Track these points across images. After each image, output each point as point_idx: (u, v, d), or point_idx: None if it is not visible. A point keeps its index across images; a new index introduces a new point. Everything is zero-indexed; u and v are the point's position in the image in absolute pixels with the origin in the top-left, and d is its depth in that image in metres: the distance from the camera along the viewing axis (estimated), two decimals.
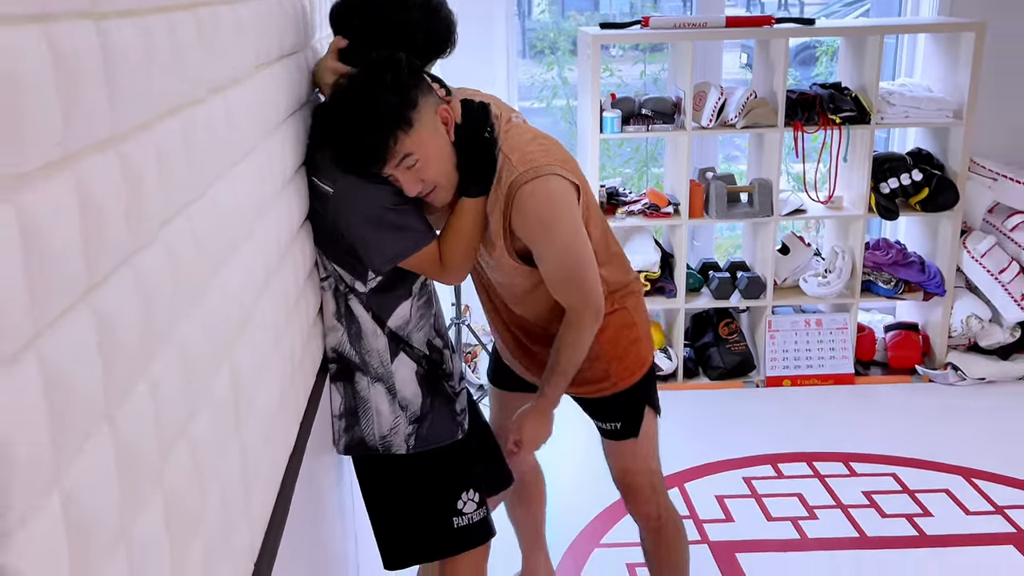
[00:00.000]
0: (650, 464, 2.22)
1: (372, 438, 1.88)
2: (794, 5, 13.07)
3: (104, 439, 0.74)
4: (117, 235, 0.78)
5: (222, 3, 1.16)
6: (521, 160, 1.79)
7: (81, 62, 0.70)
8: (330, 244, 1.80)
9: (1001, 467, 3.29)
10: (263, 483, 1.29)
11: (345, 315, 1.85)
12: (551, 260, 1.86)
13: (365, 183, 1.71)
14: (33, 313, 0.63)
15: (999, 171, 3.95)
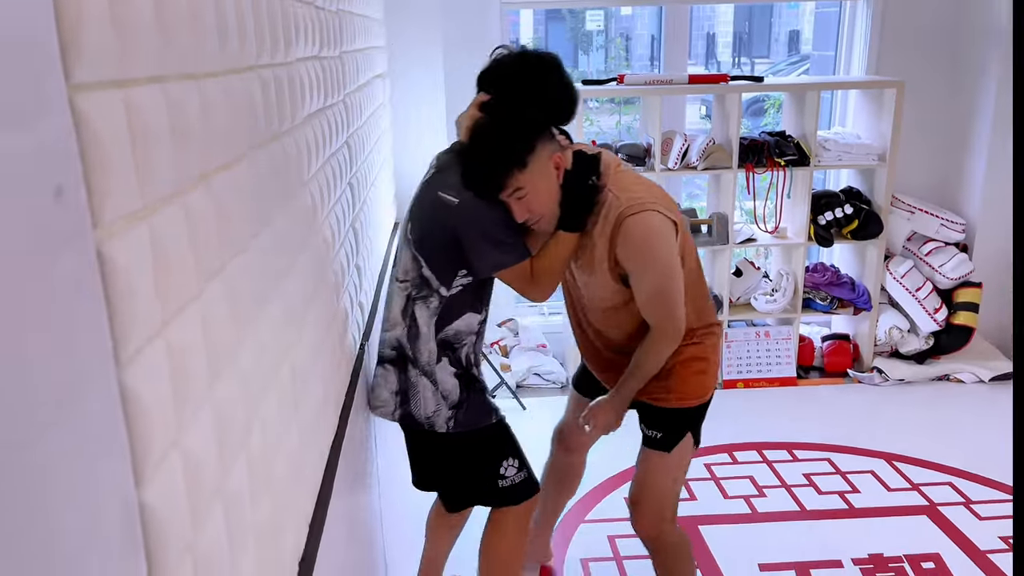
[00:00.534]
0: (668, 486, 2.13)
1: (419, 416, 1.99)
2: (746, 64, 13.26)
3: (207, 411, 0.83)
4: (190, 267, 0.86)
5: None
6: (628, 198, 1.88)
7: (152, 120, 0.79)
8: (436, 250, 1.91)
9: (917, 452, 3.35)
10: (314, 456, 1.37)
11: (409, 316, 1.96)
12: (646, 283, 1.92)
13: (485, 201, 1.86)
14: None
15: (916, 205, 4.03)
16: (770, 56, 13.02)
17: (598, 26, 10.84)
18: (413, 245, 1.94)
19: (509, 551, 2.15)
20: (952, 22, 4.04)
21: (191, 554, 0.77)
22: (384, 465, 2.46)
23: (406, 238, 1.98)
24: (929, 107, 4.11)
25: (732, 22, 14.03)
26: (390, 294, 2.04)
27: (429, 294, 1.93)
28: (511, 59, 1.89)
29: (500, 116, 1.84)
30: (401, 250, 2.02)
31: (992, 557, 2.71)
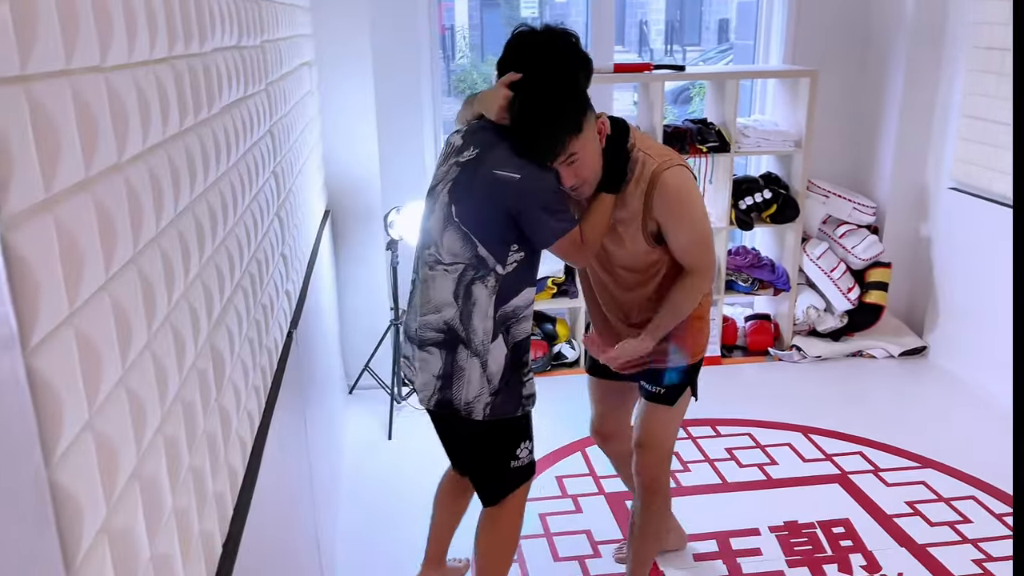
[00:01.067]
0: (669, 435, 2.29)
1: (459, 401, 2.01)
2: (678, 51, 13.47)
3: (121, 395, 0.85)
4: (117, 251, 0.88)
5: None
6: (658, 155, 2.01)
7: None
8: (492, 228, 1.93)
9: (832, 424, 3.51)
10: (236, 441, 1.39)
11: (463, 296, 1.96)
12: (685, 231, 2.03)
13: (544, 172, 1.91)
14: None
15: (831, 190, 4.19)
16: (701, 44, 13.26)
17: (533, 13, 10.88)
18: (465, 226, 1.95)
19: (512, 531, 2.22)
20: (862, 14, 4.20)
21: (107, 534, 0.79)
22: (318, 450, 2.49)
23: (451, 222, 1.97)
24: (842, 96, 4.27)
25: (664, 11, 14.23)
26: (427, 279, 2.02)
27: (487, 273, 1.95)
28: (541, 35, 1.97)
29: (550, 85, 1.89)
30: (439, 237, 2.00)
31: (897, 520, 2.87)
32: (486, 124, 2.01)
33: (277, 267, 2.02)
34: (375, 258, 3.71)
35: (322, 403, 2.80)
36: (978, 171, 3.74)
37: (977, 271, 3.83)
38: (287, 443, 1.94)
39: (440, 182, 2.04)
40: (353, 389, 3.83)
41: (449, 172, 2.02)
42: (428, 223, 2.06)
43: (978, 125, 3.71)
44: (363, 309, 3.77)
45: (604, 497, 3.05)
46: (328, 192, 3.60)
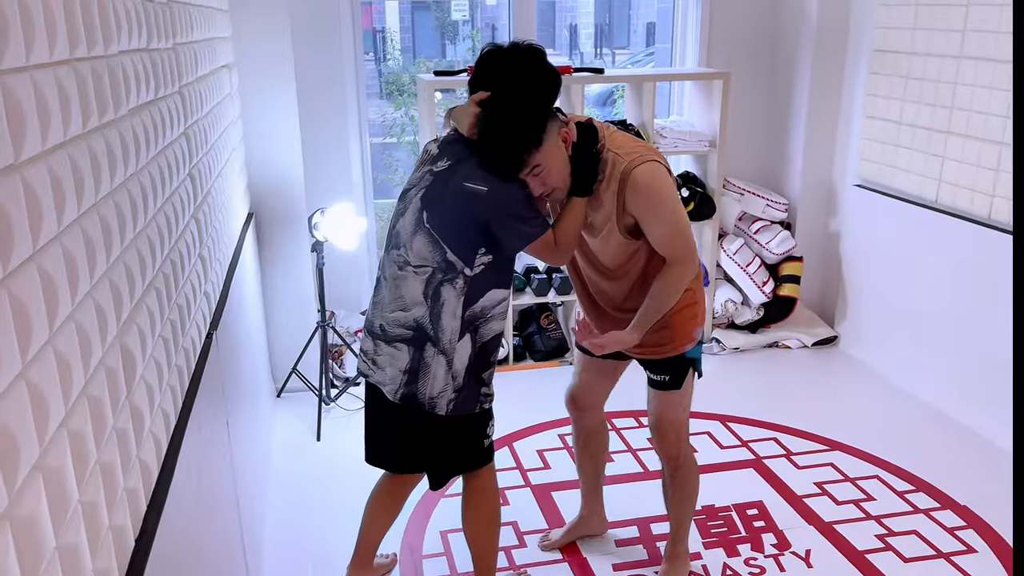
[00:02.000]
0: (681, 415, 2.40)
1: (423, 396, 2.09)
2: (607, 54, 13.68)
3: (21, 388, 0.88)
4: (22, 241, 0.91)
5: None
6: (627, 153, 2.08)
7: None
8: (461, 235, 2.03)
9: (747, 412, 3.65)
10: (150, 438, 1.41)
11: (432, 297, 2.05)
12: (661, 225, 2.10)
13: (509, 184, 2.02)
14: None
15: (745, 188, 4.36)
16: (629, 47, 13.51)
17: (464, 16, 10.90)
18: (436, 232, 2.04)
19: (494, 508, 2.35)
20: (770, 19, 4.38)
21: (8, 521, 0.82)
22: (243, 452, 2.49)
23: (421, 227, 2.07)
24: (754, 97, 4.45)
25: (593, 14, 14.45)
26: (396, 278, 2.11)
27: (455, 275, 2.05)
28: (506, 53, 2.07)
29: (509, 104, 1.99)
30: (409, 240, 2.09)
31: (807, 501, 3.02)
32: (460, 137, 2.12)
33: (195, 268, 2.03)
34: (300, 261, 3.71)
35: (247, 405, 2.80)
36: (879, 169, 3.94)
37: (882, 264, 4.04)
38: (208, 444, 1.95)
39: (414, 187, 2.14)
40: (281, 392, 3.82)
41: (423, 179, 2.13)
42: (399, 225, 2.14)
43: (879, 125, 3.91)
44: (289, 312, 3.77)
45: (530, 489, 3.12)
46: (251, 195, 3.58)
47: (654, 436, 2.45)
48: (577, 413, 2.65)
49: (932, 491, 3.07)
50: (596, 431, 2.68)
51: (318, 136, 3.97)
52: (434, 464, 2.28)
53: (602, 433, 2.71)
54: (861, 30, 4.06)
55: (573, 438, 2.72)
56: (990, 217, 3.33)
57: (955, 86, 3.44)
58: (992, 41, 3.24)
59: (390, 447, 2.30)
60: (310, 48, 3.86)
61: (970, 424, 3.49)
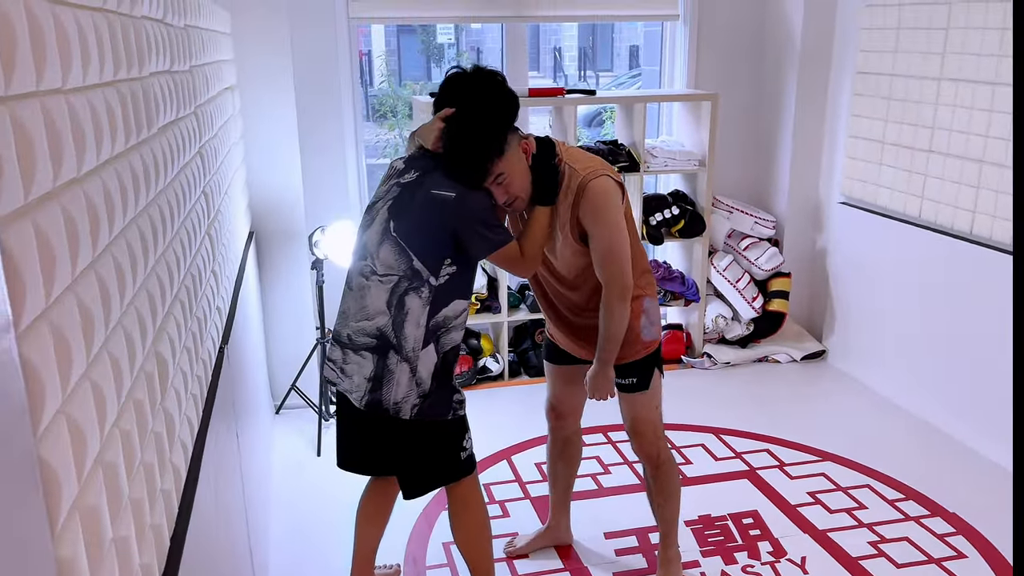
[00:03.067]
0: (655, 414, 2.49)
1: (387, 402, 2.14)
2: (591, 76, 13.83)
3: (86, 386, 0.93)
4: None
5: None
6: (583, 167, 2.22)
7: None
8: (428, 243, 2.11)
9: (740, 425, 3.73)
10: (178, 445, 1.46)
11: (396, 306, 2.11)
12: (599, 238, 2.21)
13: (476, 192, 2.13)
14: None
15: (734, 205, 4.46)
16: (613, 69, 13.71)
17: (449, 39, 11.04)
18: (403, 240, 2.12)
19: (480, 518, 2.39)
20: (757, 41, 4.51)
21: (78, 511, 0.87)
22: (249, 466, 2.53)
23: (388, 236, 2.14)
24: (742, 118, 4.57)
25: (577, 37, 14.66)
26: (361, 287, 2.17)
27: (420, 284, 2.11)
28: (470, 75, 2.19)
29: (473, 117, 2.11)
30: (375, 249, 2.16)
31: (800, 509, 3.09)
32: (426, 152, 2.23)
33: (208, 283, 2.08)
34: (300, 278, 3.77)
35: (252, 419, 2.84)
36: (864, 186, 4.06)
37: (867, 279, 4.14)
38: (222, 454, 2.00)
39: (380, 199, 2.23)
40: (280, 409, 3.85)
41: (390, 191, 2.22)
42: (365, 237, 2.22)
43: (863, 144, 4.03)
44: (288, 329, 3.81)
45: (530, 501, 3.17)
46: (252, 214, 3.64)
47: (632, 438, 2.52)
48: (556, 421, 2.72)
49: (922, 499, 3.14)
50: (572, 439, 2.76)
51: (317, 156, 4.04)
52: (405, 471, 2.31)
53: (577, 442, 2.79)
54: (844, 53, 4.19)
55: (548, 447, 2.77)
56: (972, 232, 3.44)
57: (936, 107, 3.57)
58: (972, 63, 3.36)
59: (358, 452, 2.35)
60: (307, 70, 3.94)
61: (957, 435, 3.58)
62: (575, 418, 2.73)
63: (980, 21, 3.31)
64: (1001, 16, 3.22)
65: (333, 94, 4.10)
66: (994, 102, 3.28)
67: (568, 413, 2.71)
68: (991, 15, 3.26)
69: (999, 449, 3.37)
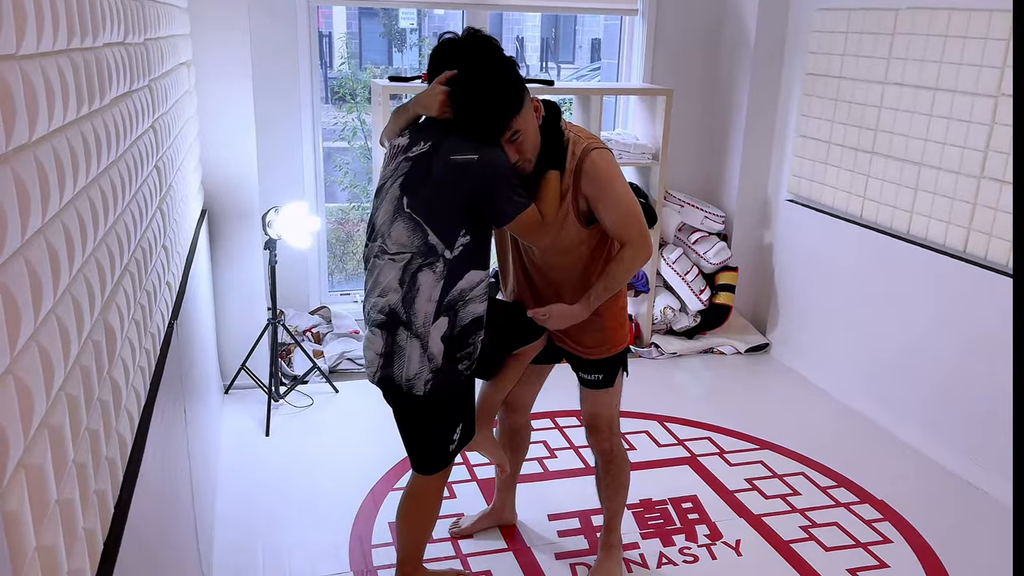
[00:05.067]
0: (614, 411, 2.53)
1: (400, 378, 2.13)
2: (553, 68, 13.88)
3: (33, 345, 0.95)
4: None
5: None
6: (585, 137, 2.19)
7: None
8: (445, 215, 2.05)
9: (683, 413, 3.82)
10: (124, 420, 1.47)
11: (408, 283, 2.08)
12: (614, 207, 2.18)
13: (497, 150, 2.05)
14: None
15: (685, 200, 4.55)
16: (575, 62, 13.77)
17: (412, 25, 10.95)
18: (417, 215, 2.06)
19: (431, 515, 2.41)
20: (712, 39, 4.60)
21: (24, 469, 0.89)
22: (196, 443, 2.53)
23: (401, 214, 2.08)
24: (696, 113, 4.66)
25: (540, 28, 14.69)
26: (375, 268, 2.13)
27: (435, 260, 2.06)
28: (468, 38, 2.11)
29: (487, 71, 2.03)
30: (387, 229, 2.10)
31: (738, 495, 3.19)
32: (430, 121, 2.13)
33: (159, 258, 2.08)
34: (252, 258, 3.75)
35: (201, 396, 2.84)
36: (810, 185, 4.18)
37: (811, 275, 4.27)
38: (170, 428, 2.00)
39: (389, 178, 2.15)
40: (229, 388, 3.84)
41: (399, 168, 2.12)
42: (375, 218, 2.18)
43: (811, 144, 4.15)
44: (239, 309, 3.79)
45: (476, 483, 3.22)
46: (206, 192, 3.61)
47: (589, 432, 2.57)
48: (507, 413, 2.75)
49: (852, 487, 3.27)
50: (521, 430, 2.80)
51: (273, 136, 4.02)
52: (412, 446, 2.31)
53: (526, 432, 2.83)
54: (795, 54, 4.30)
55: (497, 436, 2.80)
56: (909, 232, 3.58)
57: (880, 110, 3.69)
58: (915, 68, 3.49)
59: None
60: (266, 49, 3.91)
61: (887, 425, 3.73)
62: (525, 411, 2.76)
63: (924, 28, 3.43)
64: (944, 24, 3.34)
65: (291, 75, 4.07)
66: (934, 107, 3.40)
67: (519, 407, 2.74)
68: (935, 23, 3.38)
69: (928, 440, 3.52)
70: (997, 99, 3.13)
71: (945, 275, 3.41)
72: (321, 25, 10.59)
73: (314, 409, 3.75)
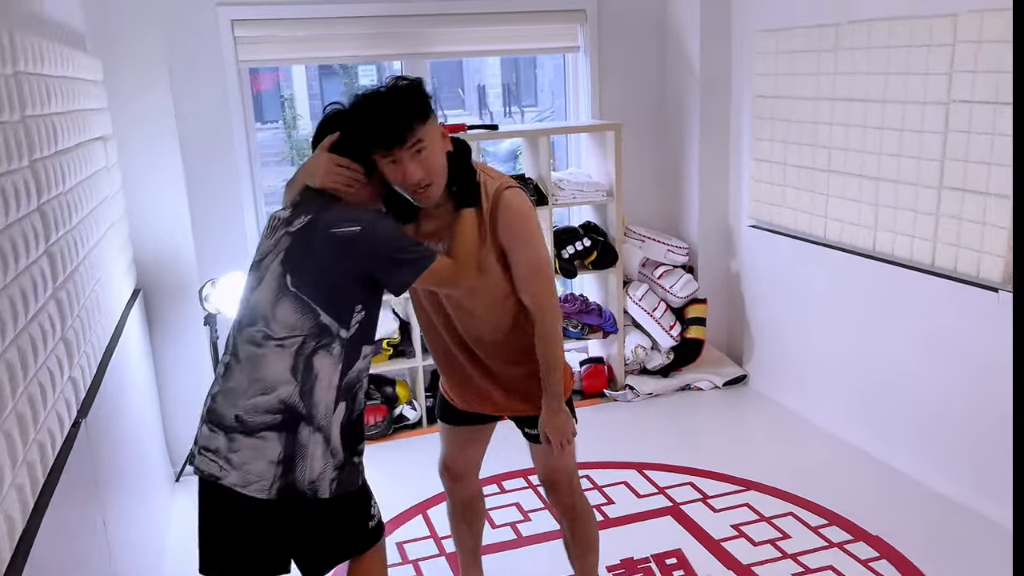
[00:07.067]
0: (572, 463, 2.33)
1: (303, 483, 1.86)
2: (516, 112, 13.92)
3: None
4: None
5: None
6: (497, 177, 2.07)
7: None
8: (335, 292, 1.86)
9: (664, 458, 3.62)
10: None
11: (303, 371, 1.84)
12: (525, 254, 2.05)
13: (383, 217, 1.94)
14: None
15: (646, 234, 4.41)
16: (537, 104, 13.81)
17: (371, 81, 10.94)
18: (304, 294, 1.85)
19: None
20: (658, 70, 4.50)
21: None
22: (128, 545, 2.30)
23: (286, 293, 1.85)
24: (649, 146, 4.54)
25: (500, 75, 14.75)
26: (255, 358, 1.86)
27: (331, 341, 1.86)
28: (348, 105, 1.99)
29: (393, 88, 1.89)
30: (270, 310, 1.86)
31: (724, 544, 2.98)
32: (313, 194, 1.97)
33: (54, 352, 1.88)
34: (194, 335, 3.54)
35: (133, 495, 2.61)
36: (770, 209, 4.04)
37: (782, 300, 4.12)
38: (72, 541, 1.78)
39: (268, 254, 1.94)
40: (180, 476, 3.60)
41: (279, 243, 1.93)
42: (253, 298, 1.93)
43: (766, 167, 4.03)
44: (186, 390, 3.57)
45: (445, 558, 3.00)
46: (138, 269, 3.42)
47: (548, 491, 2.39)
48: (451, 483, 2.51)
49: (844, 523, 3.07)
50: (472, 500, 2.57)
51: (208, 205, 3.85)
52: (313, 556, 2.01)
53: (478, 502, 2.60)
54: (742, 77, 4.21)
55: (448, 510, 2.58)
56: (875, 249, 3.44)
57: (831, 127, 3.57)
58: (862, 82, 3.38)
59: (241, 550, 1.94)
60: (193, 116, 3.76)
61: (875, 453, 3.54)
62: (472, 478, 2.53)
63: (866, 41, 3.34)
64: (885, 35, 3.24)
65: (226, 139, 3.92)
66: (885, 119, 3.29)
67: (465, 474, 2.51)
68: (876, 35, 3.29)
69: (917, 466, 3.33)
70: (948, 106, 3.01)
71: (916, 290, 3.26)
72: (281, 88, 10.50)
73: None
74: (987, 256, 2.91)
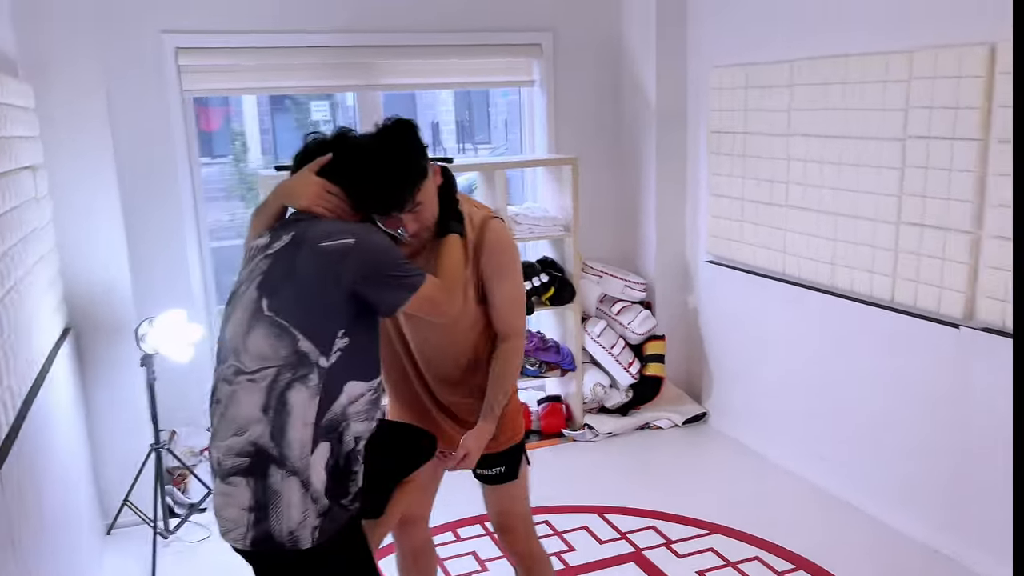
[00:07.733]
0: (524, 506, 2.27)
1: (280, 533, 1.68)
2: (470, 149, 13.91)
3: None
4: None
5: None
6: (481, 208, 2.08)
7: None
8: (317, 314, 1.73)
9: (625, 501, 3.50)
10: None
11: (275, 407, 1.68)
12: (507, 286, 2.05)
13: (376, 230, 1.86)
14: None
15: (603, 270, 4.34)
16: (491, 141, 13.82)
17: (324, 117, 10.80)
18: (283, 318, 1.71)
19: None
20: (613, 105, 4.48)
21: None
22: None
23: (260, 319, 1.72)
24: (605, 181, 4.49)
25: (453, 111, 14.76)
26: (226, 397, 1.73)
27: (307, 371, 1.69)
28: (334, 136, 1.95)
29: (390, 141, 1.86)
30: (241, 342, 1.73)
31: None
32: (295, 215, 1.88)
33: None
34: (130, 378, 3.33)
35: (56, 552, 2.39)
36: (728, 244, 4.01)
37: (741, 337, 4.07)
38: None
39: (244, 282, 1.81)
40: (112, 528, 3.36)
41: (256, 268, 1.80)
42: (227, 332, 1.79)
43: (724, 202, 4.00)
44: (118, 436, 3.35)
45: None
46: (69, 307, 3.21)
47: (501, 535, 2.30)
48: (399, 529, 2.34)
49: (811, 568, 2.98)
50: (423, 549, 2.42)
51: (148, 241, 3.67)
52: None
53: (429, 548, 2.46)
54: (698, 113, 4.19)
55: (397, 562, 2.43)
56: (834, 285, 3.40)
57: (788, 162, 3.56)
58: (820, 117, 3.37)
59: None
60: (133, 148, 3.59)
61: (840, 493, 3.47)
62: (423, 525, 2.39)
63: (821, 77, 3.34)
64: (842, 71, 3.24)
65: (168, 172, 3.76)
66: (842, 155, 3.28)
67: (415, 520, 2.35)
68: (832, 71, 3.29)
69: (881, 505, 3.27)
70: (904, 142, 3.01)
71: (876, 326, 3.23)
72: (232, 122, 10.30)
73: (212, 542, 3.29)
74: (947, 292, 2.89)
